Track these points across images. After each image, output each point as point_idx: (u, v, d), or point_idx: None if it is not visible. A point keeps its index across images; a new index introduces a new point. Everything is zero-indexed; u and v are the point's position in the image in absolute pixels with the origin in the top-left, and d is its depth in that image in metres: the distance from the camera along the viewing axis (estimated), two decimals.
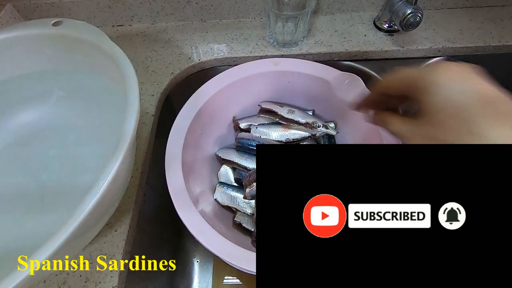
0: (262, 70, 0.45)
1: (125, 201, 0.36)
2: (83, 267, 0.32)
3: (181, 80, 0.52)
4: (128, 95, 0.27)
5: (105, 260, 0.33)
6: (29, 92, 0.39)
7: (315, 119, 0.44)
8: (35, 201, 0.34)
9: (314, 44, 0.52)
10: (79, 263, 0.32)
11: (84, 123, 0.38)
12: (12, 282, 0.18)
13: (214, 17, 0.56)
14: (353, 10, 0.56)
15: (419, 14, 0.45)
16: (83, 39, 0.34)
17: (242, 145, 0.45)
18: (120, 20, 0.57)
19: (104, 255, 0.33)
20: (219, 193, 0.43)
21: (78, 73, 0.37)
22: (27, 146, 0.37)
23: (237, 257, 0.31)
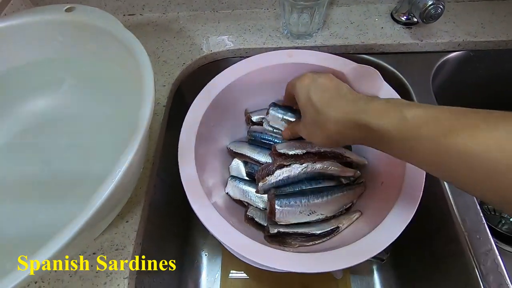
0: (275, 62, 0.44)
1: (137, 192, 0.36)
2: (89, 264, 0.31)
3: (193, 71, 0.51)
4: (143, 84, 0.27)
5: (117, 251, 0.32)
6: (41, 79, 0.38)
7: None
8: (47, 189, 0.34)
9: (329, 36, 0.51)
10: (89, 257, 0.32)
11: (96, 112, 0.38)
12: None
13: (227, 7, 0.55)
14: (369, 2, 0.54)
15: (440, 6, 0.43)
16: (96, 26, 0.33)
17: (254, 139, 0.44)
18: (131, 9, 0.56)
19: (116, 245, 0.33)
20: (230, 187, 0.42)
21: (90, 60, 0.37)
22: (39, 134, 0.37)
23: (251, 251, 0.31)
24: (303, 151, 0.40)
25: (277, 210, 0.37)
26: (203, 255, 0.53)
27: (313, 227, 0.37)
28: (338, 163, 0.41)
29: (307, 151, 0.40)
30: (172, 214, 0.48)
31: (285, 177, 0.40)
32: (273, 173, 0.40)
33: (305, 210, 0.37)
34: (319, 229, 0.37)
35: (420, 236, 0.42)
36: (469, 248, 0.33)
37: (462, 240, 0.34)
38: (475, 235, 0.34)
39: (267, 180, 0.40)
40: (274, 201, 0.37)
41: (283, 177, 0.40)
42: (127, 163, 0.22)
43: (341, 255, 0.31)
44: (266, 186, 0.40)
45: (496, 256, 0.32)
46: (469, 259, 0.33)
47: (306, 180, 0.41)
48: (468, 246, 0.34)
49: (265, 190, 0.41)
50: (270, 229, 0.37)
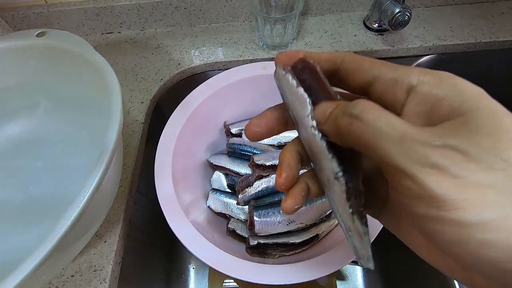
0: (251, 74, 0.44)
1: (114, 211, 0.36)
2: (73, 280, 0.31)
3: (171, 86, 0.52)
4: (110, 107, 0.27)
5: (95, 272, 0.32)
6: (17, 104, 0.39)
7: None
8: (22, 213, 0.34)
9: (304, 46, 0.52)
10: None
11: (72, 134, 0.38)
12: None
13: (203, 22, 0.56)
14: (342, 11, 0.56)
15: (407, 13, 0.45)
16: (68, 49, 0.34)
17: (233, 151, 0.45)
18: (109, 27, 0.56)
19: (94, 266, 0.33)
20: (212, 200, 0.43)
21: (65, 83, 0.37)
22: (15, 158, 0.37)
23: (230, 268, 0.31)
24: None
25: (256, 222, 0.37)
26: (191, 268, 0.53)
27: (293, 236, 0.38)
28: None
29: None
30: (156, 228, 0.48)
31: (264, 188, 0.41)
32: (253, 185, 0.41)
33: (284, 220, 0.38)
34: (299, 238, 0.38)
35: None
36: None
37: None
38: None
39: (247, 192, 0.41)
40: (253, 213, 0.37)
41: (262, 188, 0.41)
42: (92, 188, 0.22)
43: (320, 263, 0.31)
44: (246, 197, 0.41)
45: None
46: None
47: None
48: None
49: (245, 201, 0.41)
50: (251, 241, 0.37)
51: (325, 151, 0.14)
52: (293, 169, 0.17)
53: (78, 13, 0.53)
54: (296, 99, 0.15)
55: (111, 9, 0.53)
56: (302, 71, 0.15)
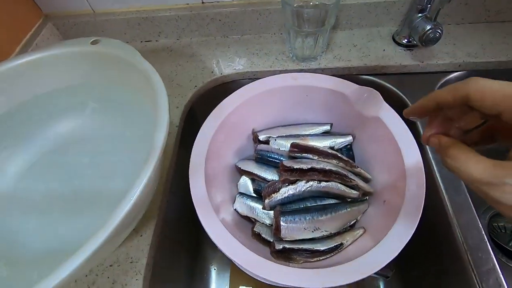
0: (281, 84, 0.46)
1: (150, 208, 0.38)
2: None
3: (204, 93, 0.54)
4: (158, 110, 0.30)
5: (131, 263, 0.34)
6: (67, 104, 0.42)
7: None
8: (68, 205, 0.37)
9: (333, 59, 0.53)
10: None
11: (115, 133, 0.41)
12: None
13: (236, 33, 0.59)
14: (371, 26, 0.57)
15: (438, 30, 0.46)
16: (118, 57, 0.37)
17: (261, 157, 0.46)
18: (148, 36, 0.60)
19: (130, 258, 0.35)
20: (238, 203, 0.44)
21: (111, 87, 0.40)
22: (63, 154, 0.40)
23: (257, 266, 0.32)
24: (308, 166, 0.41)
25: (283, 227, 0.38)
26: (212, 270, 0.55)
27: (318, 243, 0.39)
28: (343, 185, 0.42)
29: (311, 167, 0.41)
30: (183, 228, 0.50)
31: (290, 194, 0.42)
32: (279, 191, 0.42)
33: (309, 227, 0.39)
34: (324, 246, 0.38)
35: (425, 253, 0.42)
36: (471, 266, 0.34)
37: (464, 258, 0.35)
38: (477, 253, 0.34)
39: (273, 197, 0.42)
40: (280, 218, 0.39)
41: (289, 194, 0.42)
42: (143, 183, 0.24)
43: (345, 271, 0.32)
44: (272, 202, 0.42)
45: (499, 274, 0.33)
46: (471, 276, 0.34)
47: (310, 197, 0.43)
48: (470, 263, 0.34)
49: (271, 206, 0.42)
50: (276, 245, 0.39)
51: None
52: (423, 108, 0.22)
53: (121, 22, 0.58)
54: None
55: (152, 19, 0.57)
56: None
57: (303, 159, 0.44)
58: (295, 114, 0.50)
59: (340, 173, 0.42)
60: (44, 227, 0.35)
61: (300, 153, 0.44)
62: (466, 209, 0.38)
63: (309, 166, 0.41)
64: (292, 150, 0.45)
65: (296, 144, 0.45)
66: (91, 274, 0.34)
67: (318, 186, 0.42)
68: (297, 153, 0.44)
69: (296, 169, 0.41)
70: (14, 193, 0.37)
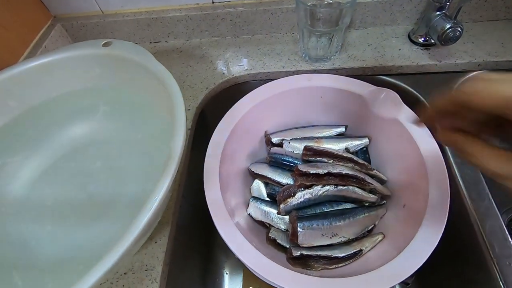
0: (295, 86, 0.45)
1: (164, 214, 0.37)
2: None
3: (215, 94, 0.53)
4: (175, 114, 0.29)
5: (146, 271, 0.34)
6: (78, 107, 0.42)
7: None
8: (83, 211, 0.36)
9: (347, 59, 0.52)
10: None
11: (127, 137, 0.40)
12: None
13: (247, 33, 0.58)
14: (386, 24, 0.56)
15: (459, 29, 0.44)
16: (131, 59, 0.36)
17: (275, 160, 0.45)
18: (157, 37, 0.60)
19: (145, 266, 0.34)
20: (252, 208, 0.43)
21: (124, 90, 0.40)
22: (76, 158, 0.40)
23: (274, 274, 0.31)
24: (324, 171, 0.40)
25: (300, 233, 0.37)
26: (225, 274, 0.54)
27: (336, 250, 0.38)
28: (360, 189, 0.41)
29: (328, 171, 0.40)
30: (195, 233, 0.49)
31: (306, 199, 0.41)
32: (295, 195, 0.41)
33: (327, 233, 0.38)
34: (342, 252, 0.37)
35: (447, 260, 0.41)
36: (499, 275, 0.33)
37: (490, 266, 0.34)
38: (505, 261, 0.33)
39: (289, 202, 0.41)
40: (296, 223, 0.38)
41: (305, 199, 0.41)
42: (162, 192, 0.23)
43: (367, 281, 0.31)
44: (287, 207, 0.41)
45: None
46: (499, 285, 0.32)
47: (326, 201, 0.42)
48: (497, 273, 0.33)
49: (287, 211, 0.41)
50: (293, 251, 0.37)
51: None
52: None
53: (131, 23, 0.57)
54: None
55: (162, 20, 0.56)
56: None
57: (318, 162, 0.43)
58: (308, 116, 0.49)
59: (358, 177, 0.41)
60: (58, 234, 0.34)
61: (314, 157, 0.43)
62: (492, 214, 0.36)
63: (326, 170, 0.40)
64: (305, 153, 0.44)
65: (309, 147, 0.44)
66: (106, 282, 0.33)
67: (335, 190, 0.41)
68: (311, 157, 0.43)
69: (312, 173, 0.40)
70: (28, 199, 0.36)
